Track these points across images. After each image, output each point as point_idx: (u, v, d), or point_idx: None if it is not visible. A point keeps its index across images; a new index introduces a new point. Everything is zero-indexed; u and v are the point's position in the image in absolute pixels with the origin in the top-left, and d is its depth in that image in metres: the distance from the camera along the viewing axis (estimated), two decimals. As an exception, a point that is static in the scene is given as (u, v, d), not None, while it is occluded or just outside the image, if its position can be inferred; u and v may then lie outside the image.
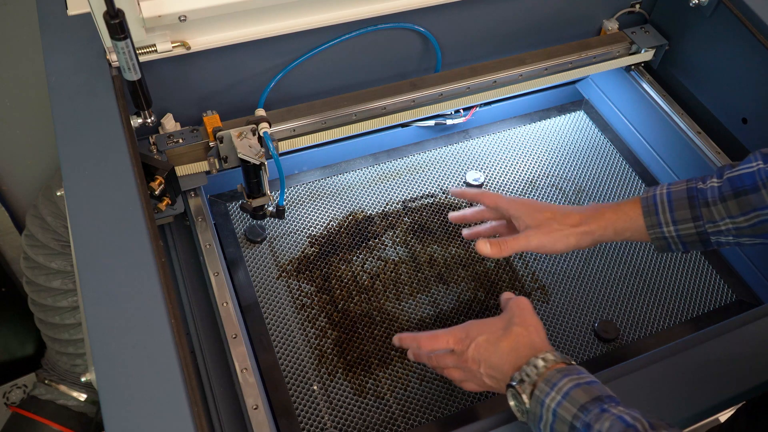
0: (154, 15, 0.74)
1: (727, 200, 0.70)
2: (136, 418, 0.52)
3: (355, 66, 0.94)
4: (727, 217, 0.70)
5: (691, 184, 0.73)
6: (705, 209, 0.71)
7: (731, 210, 0.70)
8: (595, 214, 0.76)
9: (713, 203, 0.71)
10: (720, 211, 0.70)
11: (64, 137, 0.69)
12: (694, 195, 0.72)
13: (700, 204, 0.71)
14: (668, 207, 0.72)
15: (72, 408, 1.26)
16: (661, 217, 0.73)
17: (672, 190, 0.73)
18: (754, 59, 0.93)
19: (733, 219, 0.70)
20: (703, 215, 0.71)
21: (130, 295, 0.58)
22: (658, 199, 0.73)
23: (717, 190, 0.70)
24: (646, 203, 0.74)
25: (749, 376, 0.68)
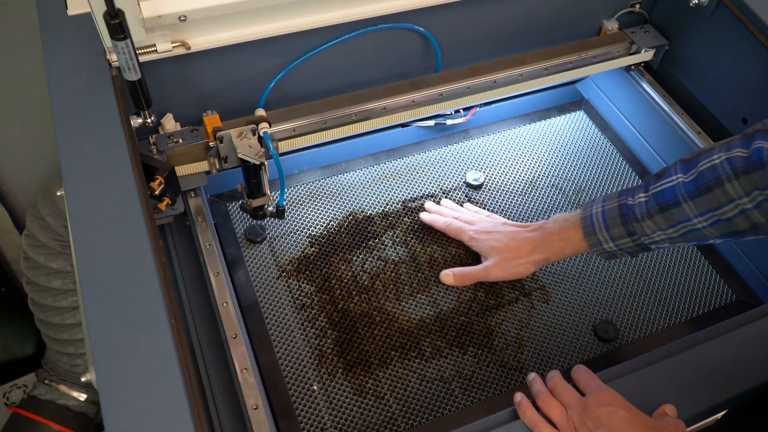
0: (154, 15, 0.74)
1: (654, 215, 0.74)
2: (136, 418, 0.52)
3: (355, 66, 0.94)
4: (658, 230, 0.74)
5: (622, 200, 0.77)
6: (636, 225, 0.75)
7: (659, 224, 0.74)
8: (544, 243, 0.83)
9: (642, 219, 0.75)
10: (650, 226, 0.74)
11: (64, 137, 0.69)
12: (625, 212, 0.76)
13: (630, 221, 0.76)
14: (604, 226, 0.77)
15: (72, 408, 1.26)
16: (599, 236, 0.78)
17: (605, 208, 0.78)
18: (754, 59, 0.93)
19: (663, 231, 0.74)
20: (636, 230, 0.75)
21: (130, 296, 0.58)
22: (594, 219, 0.78)
23: (644, 206, 0.74)
24: (585, 224, 0.79)
25: (749, 376, 0.68)
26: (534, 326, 0.91)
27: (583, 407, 0.64)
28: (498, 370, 0.86)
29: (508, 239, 0.85)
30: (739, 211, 0.69)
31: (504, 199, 1.05)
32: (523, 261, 0.84)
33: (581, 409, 0.64)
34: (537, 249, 0.83)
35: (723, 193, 0.69)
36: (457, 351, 0.87)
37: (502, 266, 0.84)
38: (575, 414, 0.64)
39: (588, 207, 0.80)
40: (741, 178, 0.68)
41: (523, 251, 0.84)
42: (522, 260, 0.84)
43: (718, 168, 0.70)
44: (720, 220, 0.70)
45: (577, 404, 0.65)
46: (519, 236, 0.85)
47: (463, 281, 0.87)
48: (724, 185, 0.69)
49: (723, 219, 0.70)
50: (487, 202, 1.04)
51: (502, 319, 0.91)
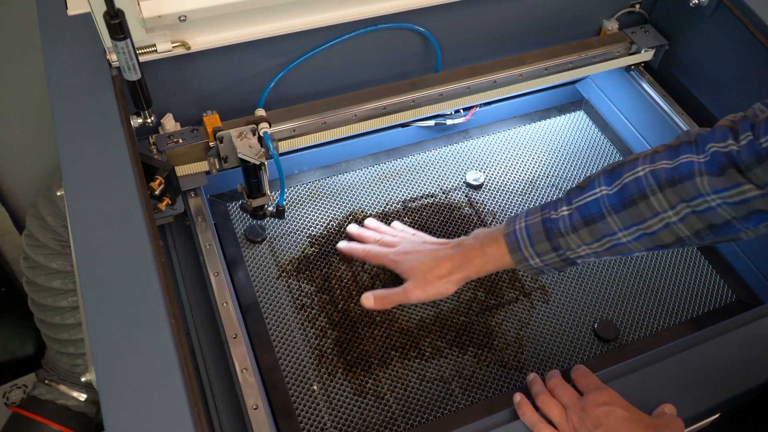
0: (154, 15, 0.74)
1: (578, 229, 0.71)
2: (136, 418, 0.52)
3: (355, 66, 0.94)
4: (583, 244, 0.72)
5: (545, 214, 0.74)
6: (561, 239, 0.73)
7: (584, 238, 0.71)
8: (464, 261, 0.79)
9: (566, 233, 0.72)
10: (575, 240, 0.72)
11: (64, 137, 0.69)
12: (549, 227, 0.73)
13: (555, 235, 0.73)
14: (528, 242, 0.74)
15: (72, 408, 1.26)
16: (524, 252, 0.75)
17: (529, 223, 0.75)
18: (754, 59, 0.93)
19: (588, 245, 0.71)
20: (561, 245, 0.73)
21: (130, 296, 0.58)
22: (518, 235, 0.75)
23: (568, 220, 0.72)
24: (509, 240, 0.76)
25: (749, 376, 0.68)
26: (534, 326, 0.91)
27: (582, 407, 0.64)
28: (498, 370, 0.86)
29: (427, 259, 0.81)
30: (663, 225, 0.67)
31: (504, 199, 1.05)
32: (443, 281, 0.79)
33: (580, 409, 0.64)
34: (457, 267, 0.79)
35: (647, 206, 0.67)
36: (457, 351, 0.87)
37: (421, 288, 0.80)
38: (574, 414, 0.64)
39: (511, 222, 0.77)
40: (666, 191, 0.66)
41: (442, 270, 0.79)
42: (442, 280, 0.79)
43: (642, 180, 0.67)
44: (645, 234, 0.68)
45: (576, 404, 0.65)
46: (438, 255, 0.81)
47: (384, 304, 0.82)
48: (649, 198, 0.67)
49: (647, 233, 0.68)
50: (487, 202, 1.04)
51: (502, 319, 0.91)
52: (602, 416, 0.62)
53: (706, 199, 0.64)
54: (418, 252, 0.83)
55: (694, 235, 0.67)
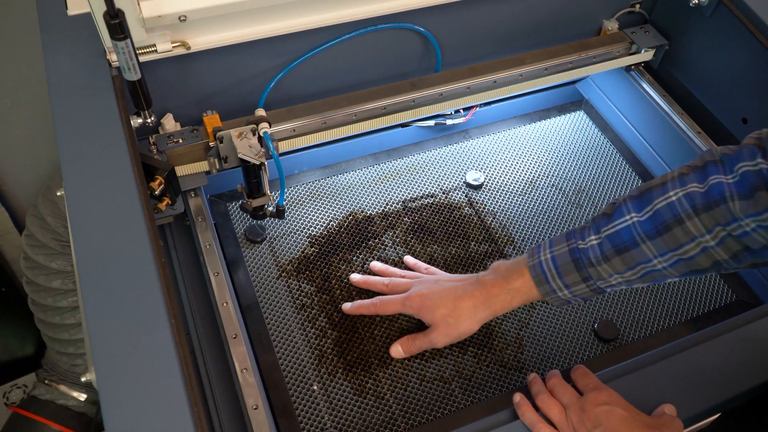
0: (154, 15, 0.74)
1: (610, 259, 0.69)
2: (136, 418, 0.52)
3: (355, 66, 0.94)
4: (615, 273, 0.70)
5: (572, 244, 0.72)
6: (591, 269, 0.71)
7: (617, 267, 0.69)
8: (487, 299, 0.76)
9: (597, 263, 0.70)
10: (606, 270, 0.70)
11: (64, 137, 0.69)
12: (578, 257, 0.71)
13: (585, 265, 0.71)
14: (556, 273, 0.72)
15: (72, 408, 1.26)
16: (552, 284, 0.73)
17: (555, 255, 0.72)
18: (754, 59, 0.93)
19: (620, 274, 0.70)
20: (592, 275, 0.71)
21: (130, 295, 0.58)
22: (545, 266, 0.73)
23: (598, 249, 0.70)
24: (535, 272, 0.73)
25: (749, 376, 0.68)
26: (534, 326, 0.91)
27: (581, 407, 0.64)
28: (498, 370, 0.86)
29: (446, 301, 0.79)
30: (701, 250, 0.66)
31: (504, 199, 1.05)
32: (467, 323, 0.78)
33: (579, 408, 0.64)
34: (480, 307, 0.77)
35: (683, 231, 0.65)
36: (457, 351, 0.87)
37: (445, 333, 0.79)
38: (574, 414, 0.64)
39: (535, 254, 0.74)
40: (702, 215, 0.64)
41: (464, 311, 0.77)
42: (465, 322, 0.78)
43: (676, 205, 0.66)
44: (681, 259, 0.67)
45: (576, 404, 0.65)
46: (457, 294, 0.78)
47: (411, 352, 0.82)
48: (685, 223, 0.65)
49: (684, 258, 0.67)
50: (487, 202, 1.04)
51: (502, 319, 0.91)
52: (601, 416, 0.62)
53: (740, 223, 0.63)
54: (434, 293, 0.80)
55: (732, 258, 0.66)
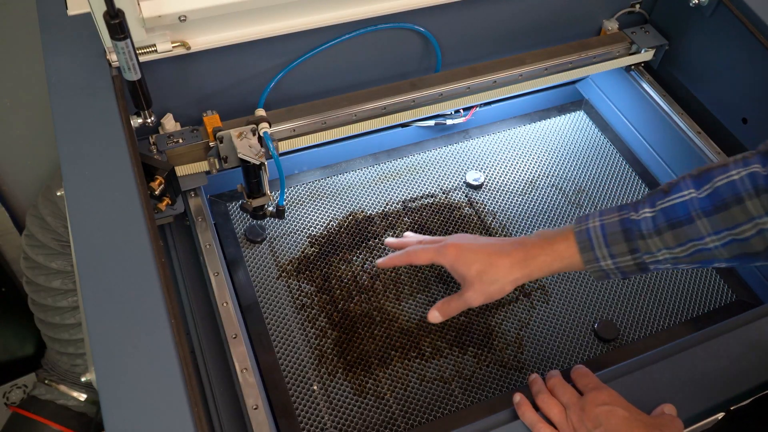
0: (154, 15, 0.74)
1: (662, 232, 0.68)
2: (136, 418, 0.52)
3: (355, 66, 0.94)
4: (664, 248, 0.68)
5: (624, 215, 0.71)
6: (641, 241, 0.69)
7: (668, 242, 0.68)
8: (526, 258, 0.74)
9: (648, 236, 0.69)
10: (656, 243, 0.69)
11: (64, 137, 0.69)
12: (628, 228, 0.70)
13: (635, 237, 0.70)
14: (603, 242, 0.71)
15: (72, 408, 1.26)
16: (597, 252, 0.71)
17: (605, 223, 0.71)
18: (754, 59, 0.93)
19: (670, 250, 0.68)
20: (640, 248, 0.70)
21: (130, 295, 0.58)
22: (592, 233, 0.71)
23: (651, 222, 0.69)
24: (581, 238, 0.72)
25: (749, 376, 0.68)
26: (534, 326, 0.91)
27: (582, 407, 0.64)
28: (498, 370, 0.86)
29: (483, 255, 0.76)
30: (757, 231, 0.64)
31: (504, 199, 1.05)
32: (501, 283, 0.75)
33: (579, 408, 0.64)
34: (517, 266, 0.74)
35: (742, 211, 0.64)
36: (457, 351, 0.87)
37: (480, 290, 0.75)
38: (574, 413, 0.64)
39: (582, 221, 0.73)
40: (762, 196, 0.63)
41: (501, 271, 0.75)
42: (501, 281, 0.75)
43: (738, 184, 0.64)
44: (735, 240, 0.65)
45: (576, 404, 0.65)
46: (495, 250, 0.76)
47: (449, 314, 0.79)
48: (745, 202, 0.64)
49: (739, 239, 0.65)
50: (487, 202, 1.04)
51: (502, 319, 0.91)
52: (602, 416, 0.62)
53: None
54: (471, 246, 0.77)
55: None
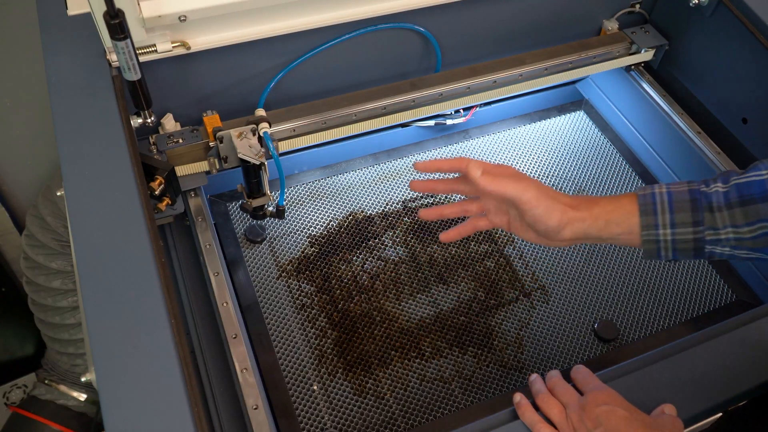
0: (154, 15, 0.74)
1: (733, 207, 0.65)
2: (136, 418, 0.52)
3: (355, 66, 0.94)
4: (731, 225, 0.65)
5: (693, 186, 0.67)
6: (708, 214, 0.66)
7: (736, 218, 0.65)
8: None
9: (718, 209, 0.65)
10: (724, 218, 0.65)
11: (64, 137, 0.69)
12: (697, 198, 0.66)
13: (703, 208, 0.66)
14: (668, 208, 0.66)
15: (72, 408, 1.26)
16: (659, 217, 0.66)
17: (673, 191, 0.67)
18: (754, 59, 0.93)
19: (736, 228, 0.65)
20: (705, 220, 0.66)
21: (130, 295, 0.58)
22: (657, 198, 0.67)
23: (723, 196, 0.65)
24: (644, 201, 0.67)
25: (749, 376, 0.68)
26: (534, 326, 0.91)
27: (582, 407, 0.64)
28: (498, 370, 0.86)
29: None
30: None
31: (504, 199, 1.05)
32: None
33: (580, 408, 0.64)
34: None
35: None
36: (457, 351, 0.87)
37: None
38: (574, 413, 0.64)
39: (648, 187, 0.68)
40: None
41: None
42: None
43: None
44: None
45: (576, 404, 0.65)
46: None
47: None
48: None
49: None
50: (487, 202, 1.04)
51: (502, 319, 0.91)
52: (602, 416, 0.62)
53: None
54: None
55: None
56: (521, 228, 0.71)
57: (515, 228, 0.72)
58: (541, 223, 0.67)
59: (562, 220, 0.67)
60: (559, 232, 0.67)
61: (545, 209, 0.67)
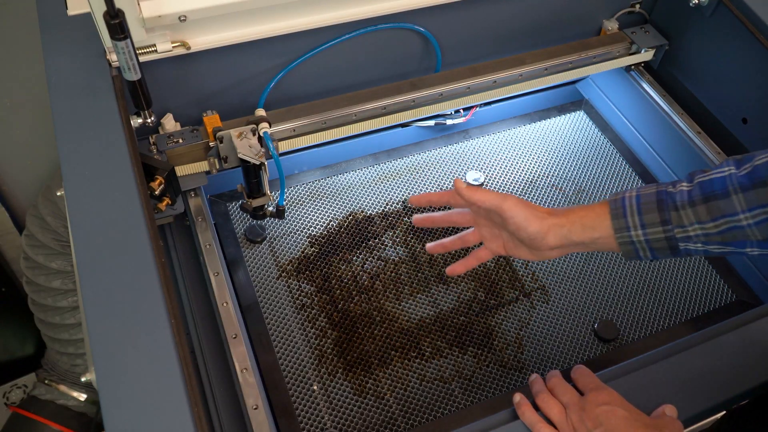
0: (154, 15, 0.74)
1: (696, 205, 0.68)
2: (136, 418, 0.52)
3: (355, 66, 0.94)
4: (696, 222, 0.68)
5: (661, 188, 0.70)
6: (674, 213, 0.69)
7: (700, 215, 0.67)
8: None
9: (682, 207, 0.68)
10: (689, 216, 0.68)
11: (64, 137, 0.69)
12: (663, 199, 0.69)
13: (669, 208, 0.69)
14: (637, 210, 0.70)
15: (72, 408, 1.26)
16: (629, 219, 0.70)
17: (641, 194, 0.71)
18: (754, 59, 0.93)
19: (702, 225, 0.68)
20: (672, 219, 0.69)
21: (130, 295, 0.58)
22: (627, 202, 0.70)
23: (686, 194, 0.68)
24: (614, 206, 0.71)
25: (749, 376, 0.68)
26: (534, 326, 0.91)
27: (582, 407, 0.64)
28: (498, 370, 0.86)
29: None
30: None
31: (504, 199, 1.05)
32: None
33: (580, 408, 0.64)
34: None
35: None
36: (457, 351, 0.87)
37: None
38: (574, 413, 0.64)
39: (619, 193, 0.72)
40: None
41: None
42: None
43: None
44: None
45: (576, 404, 0.65)
46: None
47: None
48: None
49: None
50: (487, 202, 1.04)
51: (502, 319, 0.91)
52: (602, 415, 0.62)
53: None
54: None
55: None
56: (514, 247, 0.75)
57: (509, 249, 0.76)
58: (523, 230, 0.71)
59: (542, 226, 0.71)
60: (542, 239, 0.71)
61: (524, 216, 0.71)
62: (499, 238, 0.76)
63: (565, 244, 0.72)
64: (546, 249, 0.73)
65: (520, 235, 0.72)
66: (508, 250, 0.76)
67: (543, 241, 0.72)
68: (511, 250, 0.76)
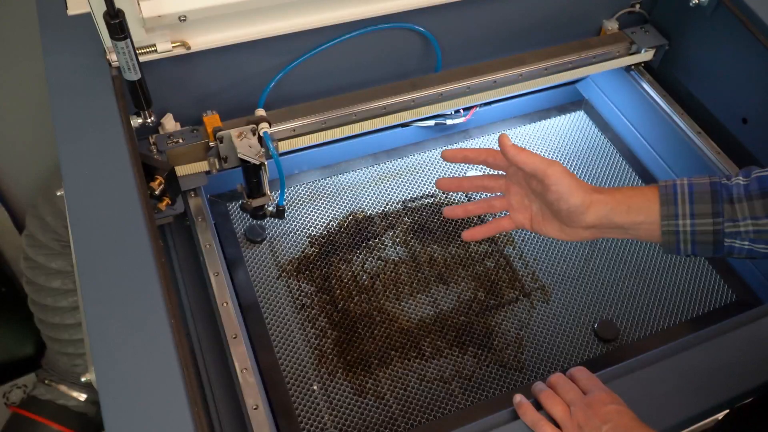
0: (154, 15, 0.74)
1: (753, 199, 0.65)
2: (136, 418, 0.52)
3: (355, 66, 0.94)
4: (750, 217, 0.65)
5: (715, 179, 0.68)
6: (728, 206, 0.66)
7: (756, 210, 0.65)
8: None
9: (738, 200, 0.66)
10: (743, 210, 0.65)
11: (64, 137, 0.69)
12: (717, 190, 0.66)
13: (723, 199, 0.66)
14: (689, 198, 0.66)
15: (72, 408, 1.26)
16: (679, 207, 0.66)
17: (694, 183, 0.68)
18: (754, 59, 0.93)
19: (756, 220, 0.65)
20: (725, 212, 0.66)
21: (130, 295, 0.58)
22: (679, 189, 0.67)
23: (743, 188, 0.66)
24: (665, 191, 0.67)
25: (749, 376, 0.68)
26: (534, 326, 0.91)
27: (588, 404, 0.63)
28: (498, 370, 0.86)
29: None
30: None
31: (504, 199, 1.05)
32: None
33: (585, 405, 0.63)
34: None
35: None
36: (457, 351, 0.87)
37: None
38: (579, 410, 0.63)
39: (670, 180, 0.68)
40: None
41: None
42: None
43: None
44: None
45: (581, 401, 0.64)
46: None
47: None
48: None
49: None
50: (487, 202, 1.04)
51: (502, 319, 0.91)
52: (611, 413, 0.61)
53: None
54: None
55: None
56: (543, 222, 0.71)
57: (537, 223, 0.72)
58: (564, 201, 0.67)
59: (585, 200, 0.67)
60: (582, 213, 0.67)
61: (569, 186, 0.66)
62: (528, 209, 0.72)
63: (603, 225, 0.68)
64: (581, 227, 0.68)
65: (560, 206, 0.67)
66: (535, 225, 0.72)
67: (581, 216, 0.67)
68: (537, 225, 0.72)
